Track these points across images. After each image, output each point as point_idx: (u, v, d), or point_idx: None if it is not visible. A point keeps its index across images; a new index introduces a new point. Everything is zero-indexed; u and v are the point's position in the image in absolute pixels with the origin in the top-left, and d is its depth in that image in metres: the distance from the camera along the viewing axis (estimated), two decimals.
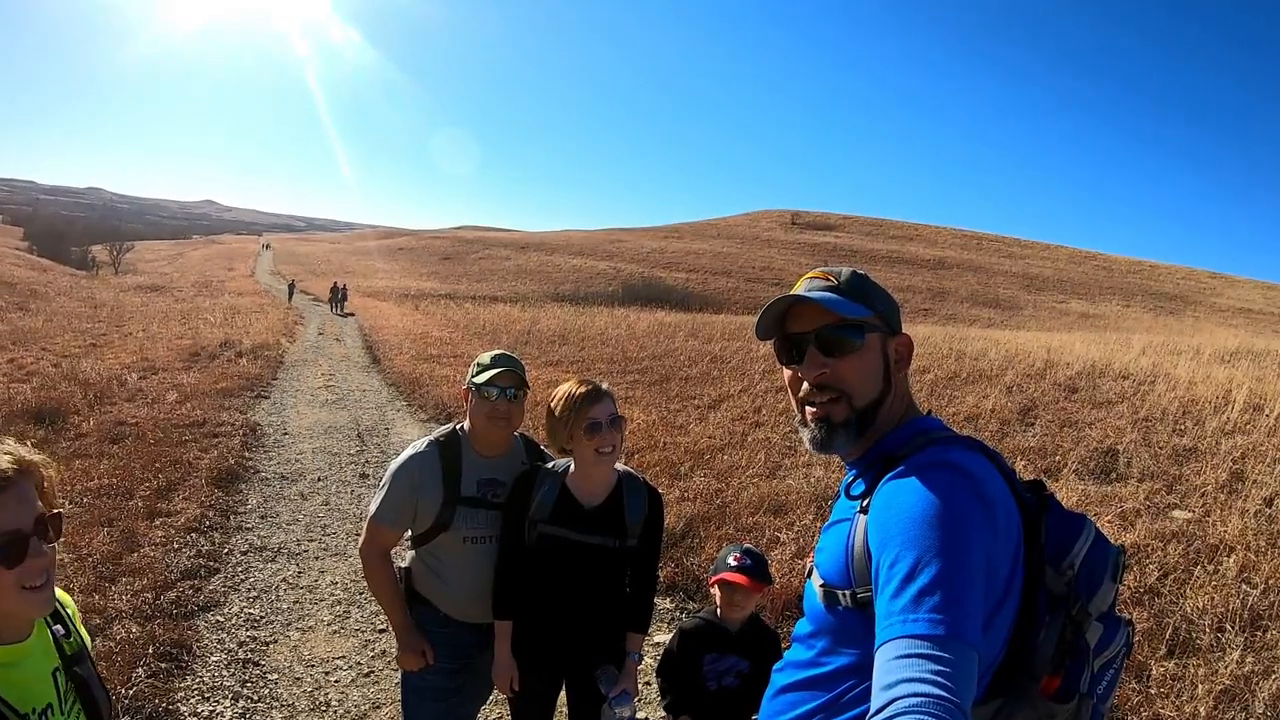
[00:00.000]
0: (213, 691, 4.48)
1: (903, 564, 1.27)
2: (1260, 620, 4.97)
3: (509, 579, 2.92)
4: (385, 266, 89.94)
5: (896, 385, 1.64)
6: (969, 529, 1.31)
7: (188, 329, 22.26)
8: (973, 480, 1.39)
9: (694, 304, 50.29)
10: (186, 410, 11.26)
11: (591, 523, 2.84)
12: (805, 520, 6.74)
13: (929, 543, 1.28)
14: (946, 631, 1.17)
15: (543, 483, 2.88)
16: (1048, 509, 1.53)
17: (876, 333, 1.61)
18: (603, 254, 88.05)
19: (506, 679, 2.93)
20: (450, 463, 2.99)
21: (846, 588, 1.48)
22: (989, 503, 1.38)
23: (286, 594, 5.79)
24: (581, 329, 21.94)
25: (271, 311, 32.48)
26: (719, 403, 11.68)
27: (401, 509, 2.97)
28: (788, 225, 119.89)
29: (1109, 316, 54.47)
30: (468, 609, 3.04)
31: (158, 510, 7.08)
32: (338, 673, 4.80)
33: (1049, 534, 1.49)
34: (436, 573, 3.05)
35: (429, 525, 2.98)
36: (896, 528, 1.34)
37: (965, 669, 1.15)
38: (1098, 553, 1.50)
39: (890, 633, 1.22)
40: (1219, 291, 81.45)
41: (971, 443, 1.53)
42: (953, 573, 1.24)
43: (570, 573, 2.87)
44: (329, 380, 15.99)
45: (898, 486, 1.42)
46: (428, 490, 2.95)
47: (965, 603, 1.21)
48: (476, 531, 2.99)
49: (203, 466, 8.47)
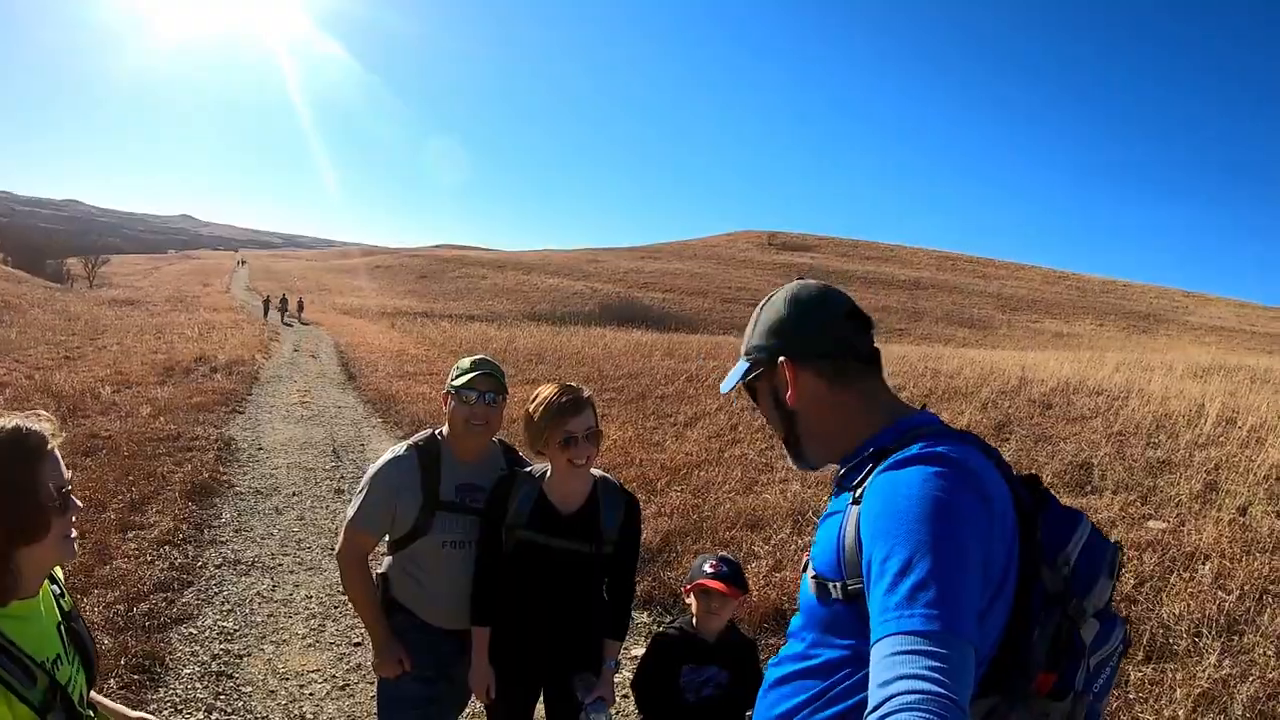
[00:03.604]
0: (186, 704, 4.41)
1: (896, 559, 1.26)
2: (1236, 625, 5.02)
3: (487, 585, 2.90)
4: (362, 284, 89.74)
5: (801, 410, 1.65)
6: (963, 522, 1.29)
7: (162, 343, 22.01)
8: (967, 473, 1.37)
9: (670, 324, 50.34)
10: (160, 424, 11.11)
11: (568, 529, 2.83)
12: (782, 534, 6.74)
13: (922, 537, 1.26)
14: (942, 627, 1.15)
15: (520, 488, 2.87)
16: (1044, 505, 1.51)
17: (761, 379, 1.72)
18: (580, 274, 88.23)
19: (484, 687, 2.90)
20: (429, 467, 2.97)
21: (837, 579, 1.45)
22: (984, 496, 1.36)
23: (261, 607, 5.72)
24: (558, 348, 21.90)
25: (247, 327, 32.21)
26: (695, 420, 11.66)
27: (380, 514, 2.95)
28: (764, 246, 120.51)
29: (1083, 335, 54.99)
30: (445, 615, 3.01)
31: (131, 523, 6.99)
32: (313, 686, 4.73)
33: (1045, 530, 1.48)
34: (414, 579, 3.02)
35: (407, 530, 2.96)
36: (889, 521, 1.32)
37: (962, 665, 1.14)
38: (1094, 549, 1.49)
39: (885, 629, 1.20)
40: (1192, 310, 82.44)
41: (966, 436, 1.51)
42: (947, 567, 1.22)
43: (547, 579, 2.86)
44: (304, 396, 15.86)
45: (890, 479, 1.40)
46: (406, 495, 2.92)
47: (961, 597, 1.20)
48: (455, 536, 2.96)
49: (176, 480, 8.36)
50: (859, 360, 1.65)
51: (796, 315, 1.66)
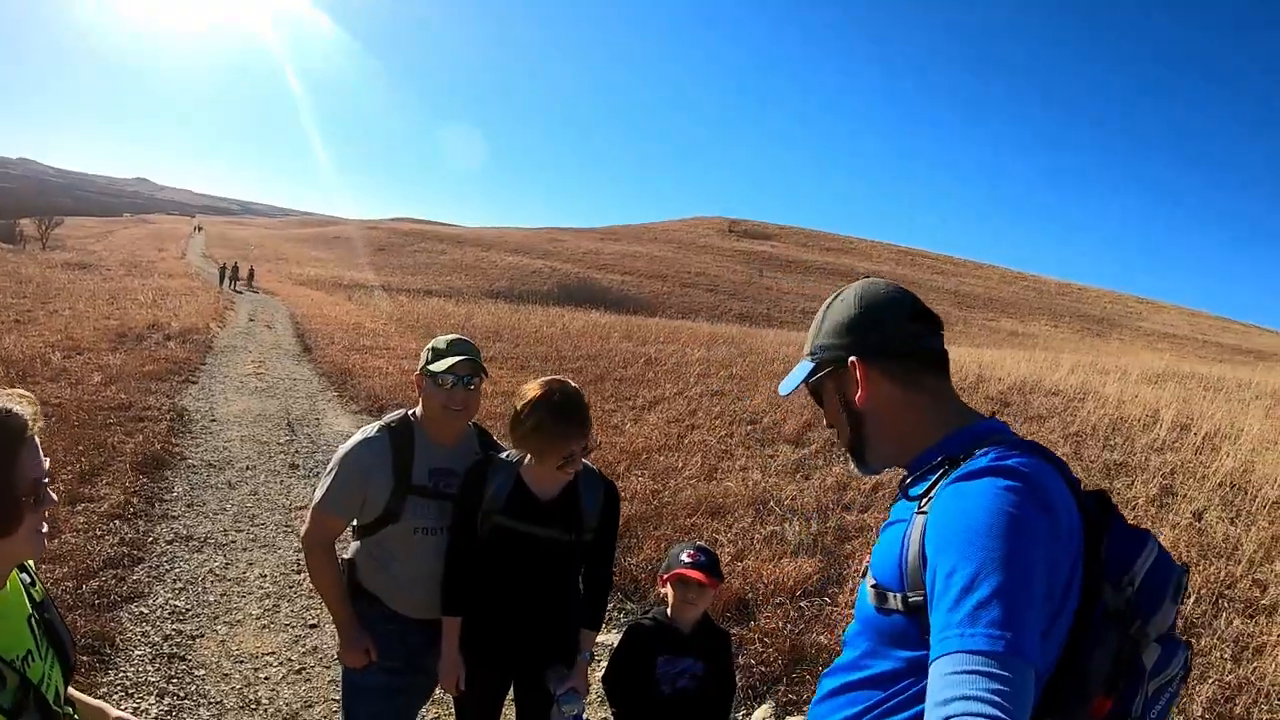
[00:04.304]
0: (137, 687, 4.29)
1: (961, 574, 1.22)
2: (1194, 628, 5.11)
3: (459, 573, 2.81)
4: (320, 254, 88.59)
5: (871, 413, 1.61)
6: (1031, 539, 1.25)
7: (115, 309, 21.54)
8: (1036, 487, 1.32)
9: (629, 306, 50.29)
10: (111, 393, 10.85)
11: (546, 515, 2.75)
12: (744, 523, 6.73)
13: (989, 553, 1.22)
14: (1006, 648, 1.12)
15: (496, 474, 2.78)
16: (1111, 522, 1.46)
17: (828, 379, 1.67)
18: (539, 253, 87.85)
19: (454, 678, 2.82)
20: (402, 450, 2.87)
21: (898, 590, 1.42)
22: (1053, 513, 1.32)
23: (214, 586, 5.60)
24: (516, 326, 21.76)
25: (202, 295, 31.65)
26: (654, 404, 11.64)
27: (349, 497, 2.85)
28: (725, 233, 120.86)
29: (1038, 335, 55.76)
30: (415, 604, 2.93)
31: (80, 495, 6.81)
32: (268, 669, 4.63)
33: (1110, 548, 1.43)
34: (383, 565, 2.93)
35: (377, 515, 2.86)
36: (956, 535, 1.28)
37: (1023, 688, 1.11)
38: (1159, 571, 1.44)
39: (947, 646, 1.17)
40: (1145, 316, 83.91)
41: (1035, 448, 1.46)
42: (1014, 586, 1.18)
43: (523, 566, 2.78)
44: (259, 368, 15.60)
45: (959, 491, 1.36)
46: (377, 478, 2.83)
47: (1026, 618, 1.16)
48: (427, 523, 2.87)
49: (127, 451, 8.16)
50: (930, 362, 1.61)
51: (868, 314, 1.62)
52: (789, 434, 9.56)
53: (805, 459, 8.54)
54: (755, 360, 15.20)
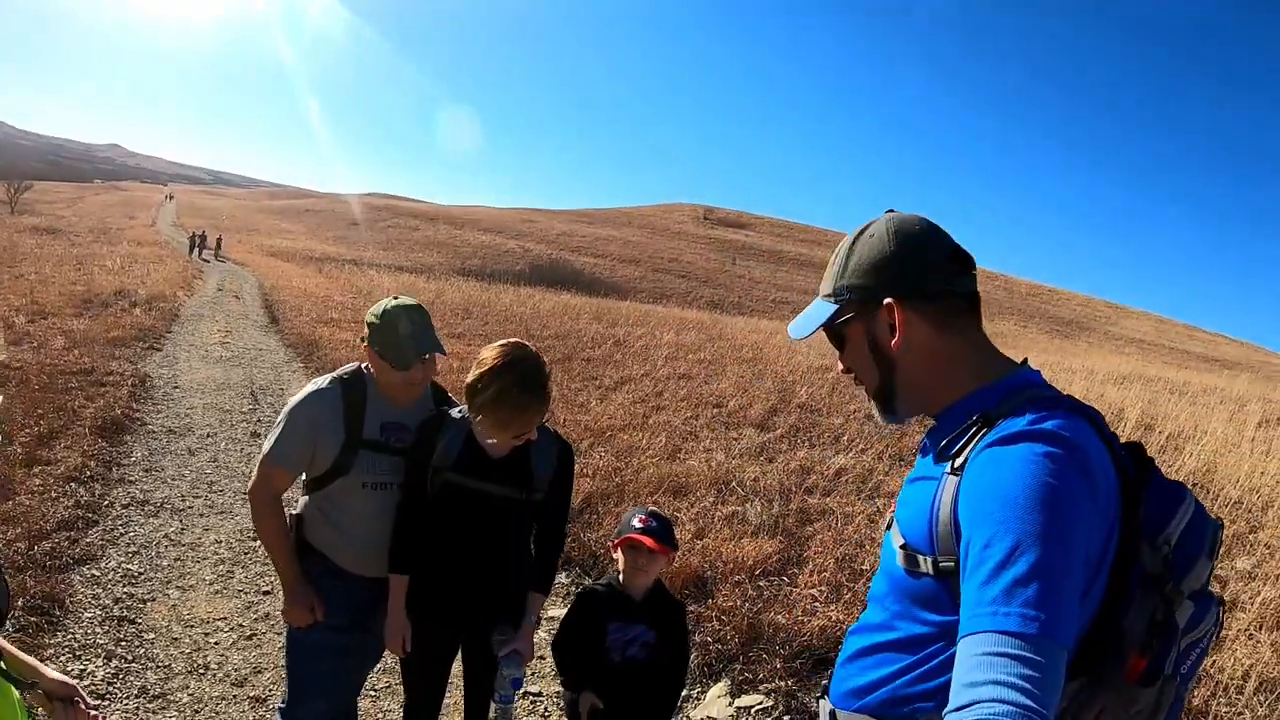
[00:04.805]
0: (84, 650, 4.23)
1: (998, 547, 1.17)
2: None
3: (408, 530, 2.76)
4: (291, 226, 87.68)
5: (903, 358, 1.50)
6: (1073, 512, 1.19)
7: (82, 275, 21.26)
8: (1078, 454, 1.25)
9: (601, 289, 50.19)
10: (74, 357, 10.71)
11: (498, 473, 2.71)
12: (705, 502, 6.71)
13: (1028, 526, 1.16)
14: (1040, 630, 1.08)
15: (448, 429, 2.73)
16: (1148, 478, 1.41)
17: (855, 321, 1.55)
18: (512, 233, 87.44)
19: (399, 638, 2.78)
20: (353, 403, 2.82)
21: (929, 554, 1.37)
22: (1092, 479, 1.25)
23: (168, 550, 5.54)
24: (486, 304, 21.72)
25: (170, 263, 31.32)
26: (621, 384, 11.61)
27: (298, 449, 2.79)
28: (700, 220, 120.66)
29: (1006, 335, 56.12)
30: (364, 561, 2.87)
31: (37, 458, 6.70)
32: (218, 634, 4.59)
33: (1148, 506, 1.37)
34: (332, 521, 2.87)
35: (326, 468, 2.81)
36: (992, 505, 1.22)
37: (1054, 673, 1.07)
38: (1196, 527, 1.38)
39: (978, 624, 1.12)
40: (1114, 321, 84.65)
41: (1074, 404, 1.39)
42: (1052, 562, 1.13)
43: (473, 524, 2.74)
44: (225, 337, 15.48)
45: (997, 456, 1.28)
46: (327, 431, 2.77)
47: (1063, 598, 1.12)
48: (377, 478, 2.82)
49: (87, 415, 8.06)
50: (965, 306, 1.51)
51: (904, 250, 1.49)
52: (754, 418, 9.57)
53: (769, 443, 8.54)
54: (724, 346, 15.23)
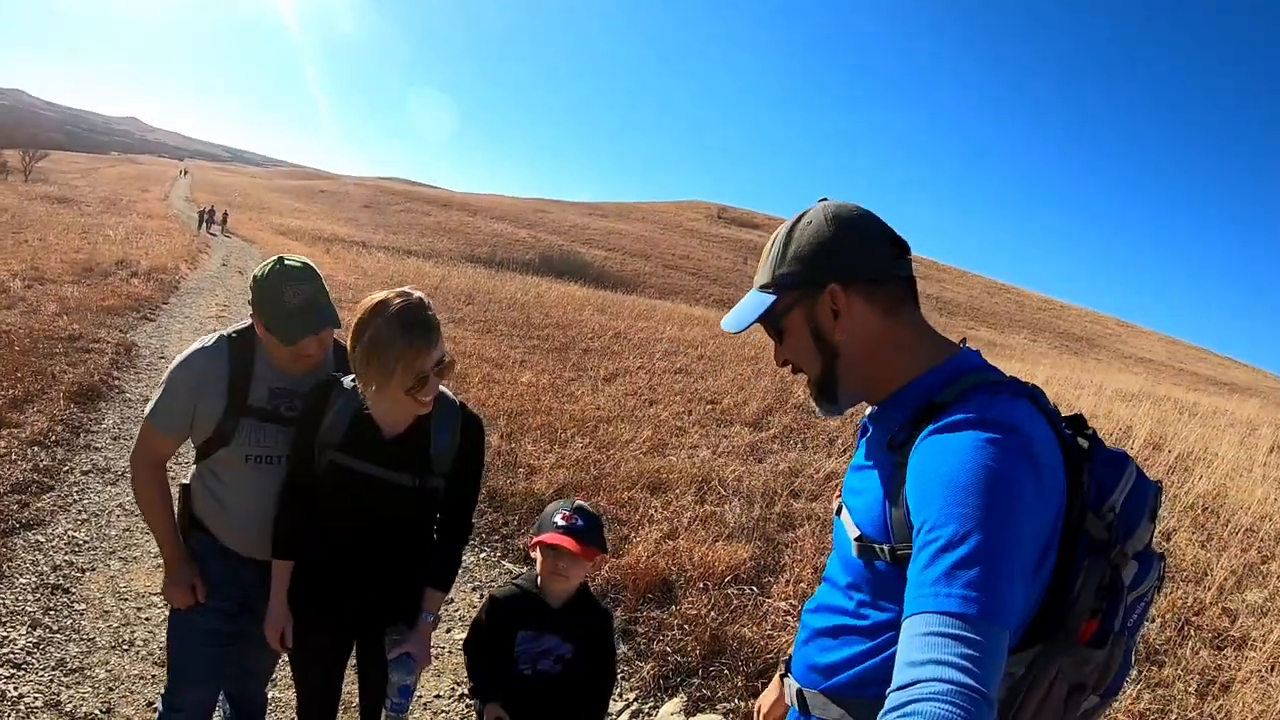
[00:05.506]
0: (11, 616, 4.01)
1: (941, 531, 1.16)
2: (1157, 655, 4.89)
3: (293, 511, 2.39)
4: (304, 206, 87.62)
5: (847, 344, 1.48)
6: (1017, 497, 1.19)
7: (86, 243, 21.12)
8: (1021, 437, 1.25)
9: (609, 283, 49.96)
10: (63, 323, 10.47)
11: (390, 455, 2.31)
12: (683, 501, 6.38)
13: (971, 510, 1.16)
14: (979, 611, 1.08)
15: (337, 399, 2.34)
16: (1092, 451, 1.39)
17: (794, 309, 1.51)
18: (525, 222, 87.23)
19: (278, 631, 2.41)
20: (240, 365, 2.47)
21: (885, 543, 1.38)
22: (1037, 463, 1.25)
23: (118, 520, 5.29)
24: (490, 291, 21.37)
25: (177, 236, 31.15)
26: (615, 376, 11.32)
27: (177, 413, 2.45)
28: (713, 218, 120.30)
29: (1015, 348, 55.76)
30: (247, 542, 2.53)
31: (6, 420, 6.48)
32: (151, 610, 4.32)
33: (1092, 477, 1.37)
34: (216, 495, 2.53)
35: (207, 436, 2.46)
36: (938, 489, 1.22)
37: (995, 653, 1.06)
38: (1138, 492, 1.38)
39: (921, 605, 1.13)
40: (1124, 339, 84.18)
41: (1018, 387, 1.40)
42: (994, 546, 1.13)
43: (360, 512, 2.35)
44: (223, 310, 15.19)
45: (941, 443, 1.28)
46: (209, 394, 2.43)
47: (1003, 580, 1.12)
48: (262, 450, 2.47)
49: (65, 380, 7.83)
50: (906, 290, 1.51)
51: (845, 235, 1.47)
52: (749, 416, 9.32)
53: (761, 442, 8.27)
54: (726, 343, 14.97)
